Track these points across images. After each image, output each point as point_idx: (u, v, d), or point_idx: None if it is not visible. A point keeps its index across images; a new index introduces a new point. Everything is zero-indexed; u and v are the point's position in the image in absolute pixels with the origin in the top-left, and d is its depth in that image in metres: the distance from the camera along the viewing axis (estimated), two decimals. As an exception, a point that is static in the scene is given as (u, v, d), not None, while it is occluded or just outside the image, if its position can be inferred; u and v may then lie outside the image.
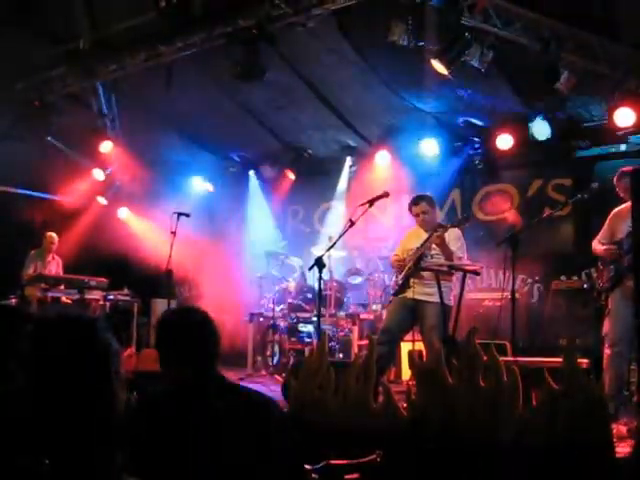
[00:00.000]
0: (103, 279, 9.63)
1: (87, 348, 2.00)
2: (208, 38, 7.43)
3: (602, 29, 6.61)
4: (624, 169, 6.00)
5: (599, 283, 6.11)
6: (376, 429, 3.93)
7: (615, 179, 6.02)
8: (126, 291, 10.25)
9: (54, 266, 10.02)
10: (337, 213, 10.75)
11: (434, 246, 6.26)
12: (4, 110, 9.08)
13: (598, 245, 6.17)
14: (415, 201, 6.60)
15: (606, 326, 5.93)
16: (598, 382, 4.65)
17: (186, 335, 2.70)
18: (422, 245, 6.32)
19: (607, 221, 6.21)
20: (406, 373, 8.21)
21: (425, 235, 6.42)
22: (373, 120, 9.84)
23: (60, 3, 7.89)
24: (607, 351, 5.71)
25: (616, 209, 6.18)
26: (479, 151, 9.61)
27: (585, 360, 5.69)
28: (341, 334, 9.19)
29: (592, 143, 8.41)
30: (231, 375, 2.50)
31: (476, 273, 6.48)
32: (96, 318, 2.17)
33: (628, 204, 6.04)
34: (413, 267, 6.32)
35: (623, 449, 4.03)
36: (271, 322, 9.38)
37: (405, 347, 8.10)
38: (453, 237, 6.37)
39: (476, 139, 9.55)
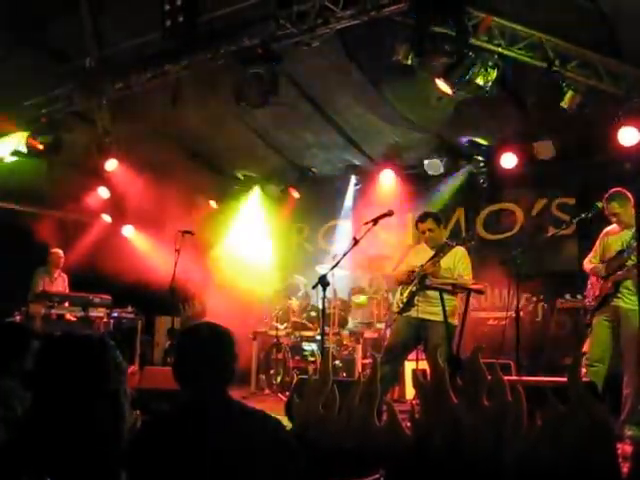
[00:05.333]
0: (107, 296, 9.62)
1: (98, 367, 2.00)
2: (213, 57, 7.47)
3: (605, 48, 6.64)
4: (612, 191, 6.03)
5: (587, 302, 6.15)
6: (380, 448, 3.91)
7: (604, 200, 6.03)
8: (130, 308, 10.25)
9: (60, 282, 10.02)
10: (341, 231, 10.77)
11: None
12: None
13: (588, 264, 6.22)
14: (422, 218, 6.60)
15: (587, 345, 5.96)
16: (604, 401, 4.62)
17: (194, 354, 2.65)
18: (425, 265, 6.32)
19: (598, 240, 6.25)
20: (410, 392, 8.18)
21: (430, 252, 6.43)
22: (377, 139, 9.86)
23: (67, 22, 7.95)
24: (583, 370, 5.70)
25: (607, 229, 6.21)
26: (483, 170, 9.62)
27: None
28: (345, 353, 9.17)
29: (596, 162, 8.40)
30: (234, 393, 2.47)
31: (480, 292, 6.48)
32: (105, 337, 2.16)
33: (616, 226, 6.08)
34: (418, 285, 6.31)
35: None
36: (275, 340, 9.37)
37: (409, 366, 8.08)
38: (459, 257, 6.35)
39: (480, 158, 9.57)
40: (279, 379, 9.18)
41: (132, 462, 2.31)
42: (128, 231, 11.82)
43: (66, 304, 9.29)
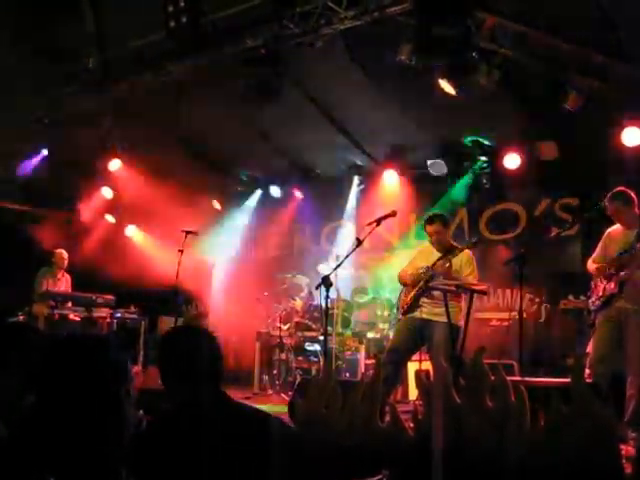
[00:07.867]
0: (110, 296, 9.63)
1: (100, 368, 2.01)
2: (217, 57, 7.48)
3: (608, 49, 6.63)
4: (616, 190, 6.00)
5: (591, 302, 6.12)
6: (382, 449, 3.90)
7: (607, 200, 5.99)
8: (133, 309, 10.25)
9: (63, 283, 10.03)
10: (345, 232, 10.75)
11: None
12: (15, 128, 9.13)
13: (592, 265, 6.18)
14: (430, 220, 6.55)
15: (590, 345, 5.93)
16: (607, 403, 4.60)
17: (187, 353, 2.69)
18: (432, 266, 6.31)
19: (601, 241, 6.21)
20: (413, 393, 8.17)
21: (436, 254, 6.42)
22: (381, 139, 9.86)
23: (71, 22, 7.96)
24: (587, 371, 5.68)
25: (610, 229, 6.17)
26: (486, 170, 9.59)
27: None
28: (348, 353, 9.16)
29: (600, 162, 8.38)
30: (237, 394, 2.47)
31: (483, 293, 6.46)
32: (109, 337, 2.17)
33: (619, 226, 6.05)
34: (424, 286, 6.30)
35: (632, 471, 3.98)
36: (278, 341, 9.36)
37: (412, 367, 8.07)
38: (465, 260, 6.33)
39: (483, 158, 9.54)
40: (282, 379, 9.18)
41: (135, 462, 2.32)
42: (131, 231, 11.83)
43: (69, 304, 9.30)
